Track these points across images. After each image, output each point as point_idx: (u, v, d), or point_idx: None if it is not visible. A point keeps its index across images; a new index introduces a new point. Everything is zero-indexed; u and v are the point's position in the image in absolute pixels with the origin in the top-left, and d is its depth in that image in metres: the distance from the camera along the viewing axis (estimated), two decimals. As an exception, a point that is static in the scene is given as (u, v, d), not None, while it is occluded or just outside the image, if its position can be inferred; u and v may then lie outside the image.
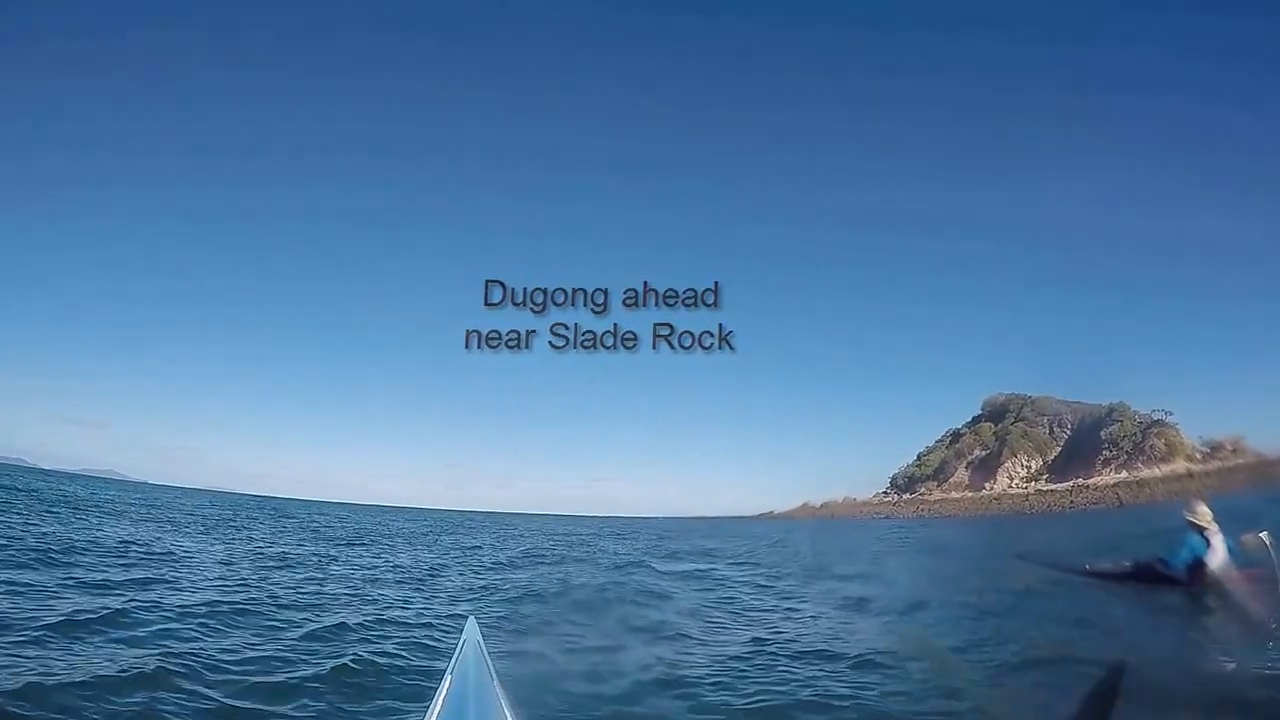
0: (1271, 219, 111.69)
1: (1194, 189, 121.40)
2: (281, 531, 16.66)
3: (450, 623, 6.05)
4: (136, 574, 7.70)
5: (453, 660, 2.31)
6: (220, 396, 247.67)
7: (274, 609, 6.22)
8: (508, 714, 1.87)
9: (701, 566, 11.96)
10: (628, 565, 11.92)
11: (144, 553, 9.89)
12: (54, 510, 16.50)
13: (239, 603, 6.29)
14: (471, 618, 2.88)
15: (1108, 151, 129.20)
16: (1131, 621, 6.79)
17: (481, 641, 2.44)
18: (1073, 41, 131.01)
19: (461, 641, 2.48)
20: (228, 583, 7.72)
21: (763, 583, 9.88)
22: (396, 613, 6.44)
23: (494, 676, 2.13)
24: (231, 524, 19.37)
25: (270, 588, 7.53)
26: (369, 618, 5.99)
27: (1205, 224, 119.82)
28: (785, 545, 19.48)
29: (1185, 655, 5.44)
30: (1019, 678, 4.46)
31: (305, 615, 5.97)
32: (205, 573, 8.47)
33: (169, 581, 7.41)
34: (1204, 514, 7.59)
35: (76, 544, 9.73)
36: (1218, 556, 7.35)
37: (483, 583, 9.41)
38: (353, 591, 7.88)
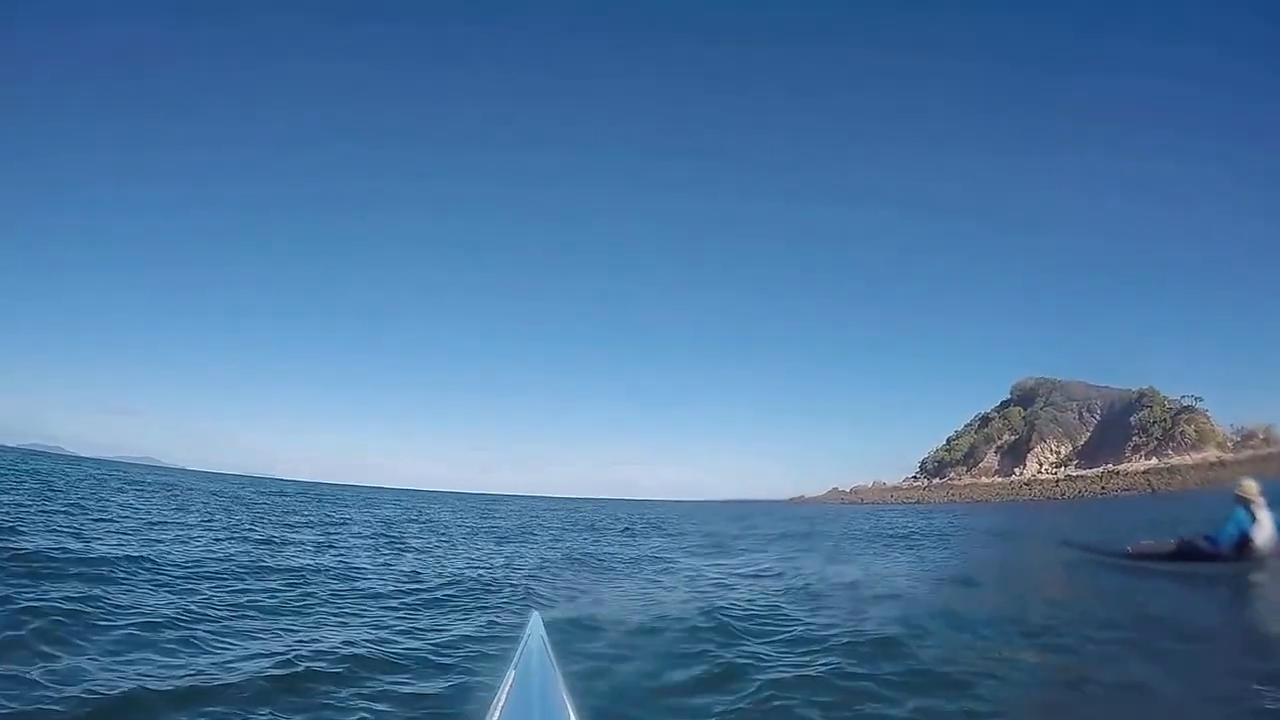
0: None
1: (1225, 178, 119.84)
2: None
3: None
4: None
5: (516, 655, 2.23)
6: (253, 383, 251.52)
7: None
8: (571, 712, 1.83)
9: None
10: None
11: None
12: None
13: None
14: (535, 613, 2.76)
15: (1140, 138, 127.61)
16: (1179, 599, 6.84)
17: (545, 636, 2.38)
18: (1103, 32, 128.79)
19: (525, 636, 2.39)
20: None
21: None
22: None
23: (559, 673, 2.08)
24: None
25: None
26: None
27: (1228, 213, 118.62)
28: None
29: (1237, 630, 5.54)
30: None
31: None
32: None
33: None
34: (1251, 488, 7.54)
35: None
36: (1264, 531, 7.37)
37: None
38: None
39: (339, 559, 9.35)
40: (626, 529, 19.46)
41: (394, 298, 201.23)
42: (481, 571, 8.85)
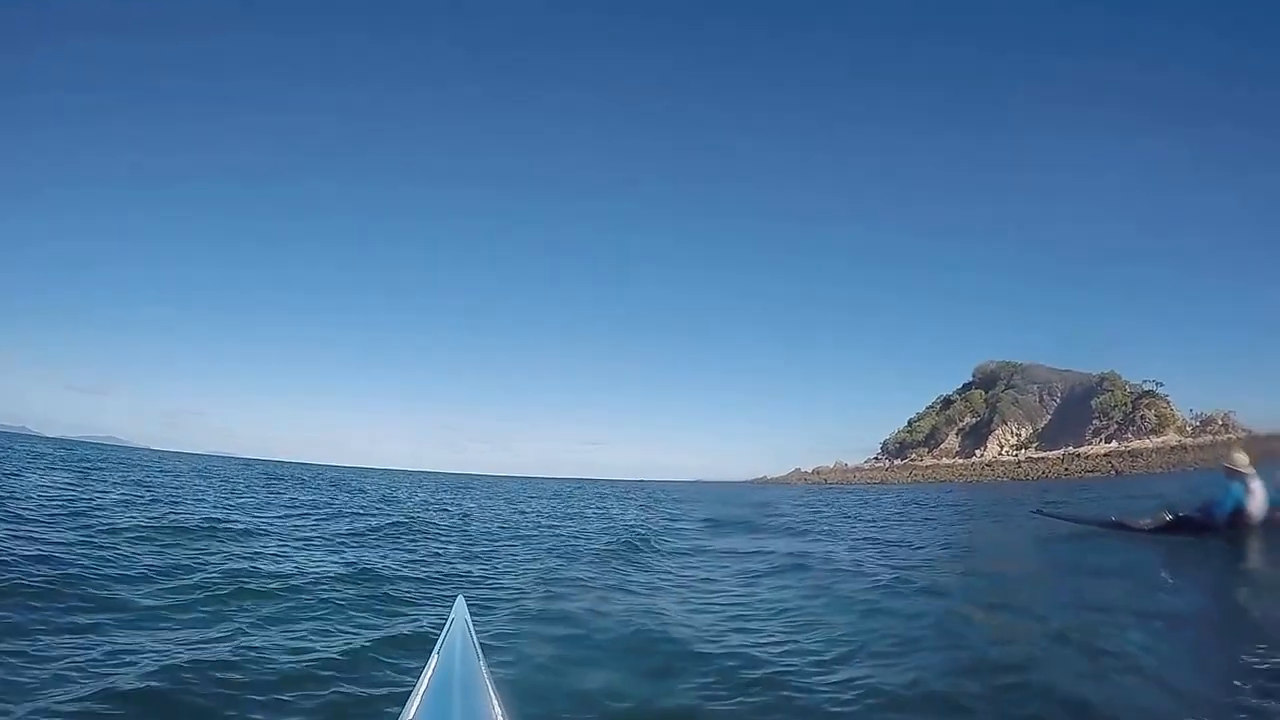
0: (1263, 195, 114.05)
1: (1188, 163, 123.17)
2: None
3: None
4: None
5: (439, 640, 2.23)
6: (220, 361, 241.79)
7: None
8: (493, 695, 1.85)
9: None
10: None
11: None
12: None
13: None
14: (460, 596, 2.71)
15: (1104, 122, 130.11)
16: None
17: (469, 621, 2.37)
18: (1068, 13, 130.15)
19: (449, 621, 2.38)
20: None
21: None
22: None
23: (481, 658, 2.09)
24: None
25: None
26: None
27: (1197, 199, 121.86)
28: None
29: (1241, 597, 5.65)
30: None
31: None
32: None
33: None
34: (1241, 460, 7.69)
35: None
36: (1257, 500, 7.58)
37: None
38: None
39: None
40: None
41: (364, 277, 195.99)
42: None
